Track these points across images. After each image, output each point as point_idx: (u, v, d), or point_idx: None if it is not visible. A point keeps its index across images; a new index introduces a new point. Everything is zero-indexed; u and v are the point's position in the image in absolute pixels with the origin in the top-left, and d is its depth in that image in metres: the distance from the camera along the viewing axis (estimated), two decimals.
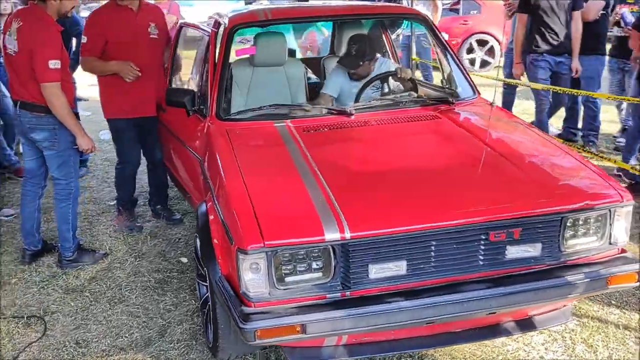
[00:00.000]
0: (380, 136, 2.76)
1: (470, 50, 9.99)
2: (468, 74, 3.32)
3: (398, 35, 6.39)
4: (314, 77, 4.51)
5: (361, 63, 3.30)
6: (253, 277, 2.02)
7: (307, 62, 4.77)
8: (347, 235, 2.02)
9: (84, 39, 3.71)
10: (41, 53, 3.12)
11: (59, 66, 3.17)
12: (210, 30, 3.35)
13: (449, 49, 3.43)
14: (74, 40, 4.92)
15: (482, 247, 2.16)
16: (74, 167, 3.48)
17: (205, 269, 2.45)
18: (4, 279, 3.48)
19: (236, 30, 3.24)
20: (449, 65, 3.41)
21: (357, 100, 3.24)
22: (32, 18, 3.20)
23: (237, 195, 2.20)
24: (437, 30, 3.50)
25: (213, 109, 2.98)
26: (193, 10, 9.88)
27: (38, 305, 3.18)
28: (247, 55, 3.47)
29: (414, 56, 6.29)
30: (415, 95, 3.23)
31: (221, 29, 3.24)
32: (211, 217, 2.42)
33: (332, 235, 2.01)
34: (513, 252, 2.19)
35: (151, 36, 3.78)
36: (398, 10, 3.65)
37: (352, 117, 2.92)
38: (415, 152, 2.60)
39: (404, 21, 4.63)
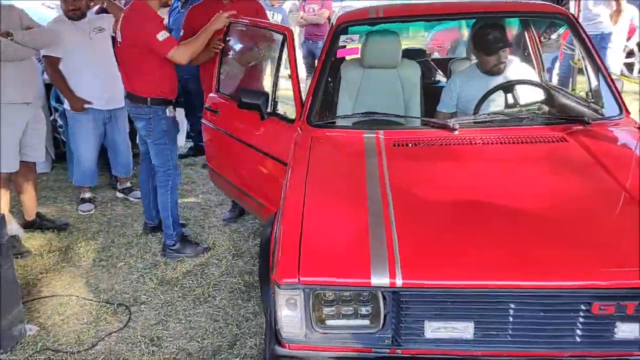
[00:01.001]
0: (481, 160, 2.33)
1: (630, 53, 8.52)
2: (616, 87, 2.69)
3: (559, 36, 5.60)
4: (444, 81, 4.10)
5: (497, 48, 2.86)
6: (289, 315, 1.77)
7: (437, 63, 4.37)
8: (398, 282, 1.67)
9: (181, 33, 3.85)
10: (145, 33, 3.24)
11: (168, 35, 3.27)
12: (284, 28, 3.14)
13: (595, 54, 2.82)
14: None
15: (581, 320, 1.67)
16: (171, 156, 3.54)
17: (260, 289, 2.26)
18: (113, 261, 3.66)
19: (343, 29, 2.99)
20: (595, 75, 2.80)
21: (476, 110, 2.81)
22: (133, 10, 3.34)
23: (289, 218, 1.96)
24: (583, 31, 2.89)
25: (305, 113, 2.77)
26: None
27: (132, 294, 3.27)
28: (356, 56, 3.19)
29: (575, 59, 5.47)
30: (545, 110, 2.70)
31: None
32: (272, 236, 2.21)
33: (380, 280, 1.68)
34: (624, 330, 1.67)
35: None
36: (535, 8, 3.08)
37: (456, 132, 2.51)
38: (519, 184, 2.12)
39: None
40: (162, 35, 3.22)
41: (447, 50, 6.14)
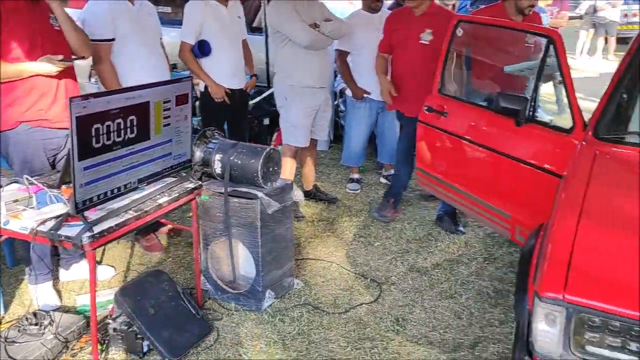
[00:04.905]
0: None
1: None
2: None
3: None
4: None
5: None
6: (546, 330, 1.72)
7: None
8: None
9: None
10: None
11: None
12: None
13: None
14: None
15: None
16: None
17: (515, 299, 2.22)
18: (370, 240, 3.95)
19: None
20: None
21: None
22: None
23: (561, 235, 1.88)
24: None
25: (592, 124, 2.60)
26: None
27: (384, 273, 3.49)
28: None
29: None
30: None
31: None
32: (537, 247, 2.15)
33: None
34: None
35: (421, 41, 3.90)
36: None
37: None
38: None
39: None
40: None
41: None
